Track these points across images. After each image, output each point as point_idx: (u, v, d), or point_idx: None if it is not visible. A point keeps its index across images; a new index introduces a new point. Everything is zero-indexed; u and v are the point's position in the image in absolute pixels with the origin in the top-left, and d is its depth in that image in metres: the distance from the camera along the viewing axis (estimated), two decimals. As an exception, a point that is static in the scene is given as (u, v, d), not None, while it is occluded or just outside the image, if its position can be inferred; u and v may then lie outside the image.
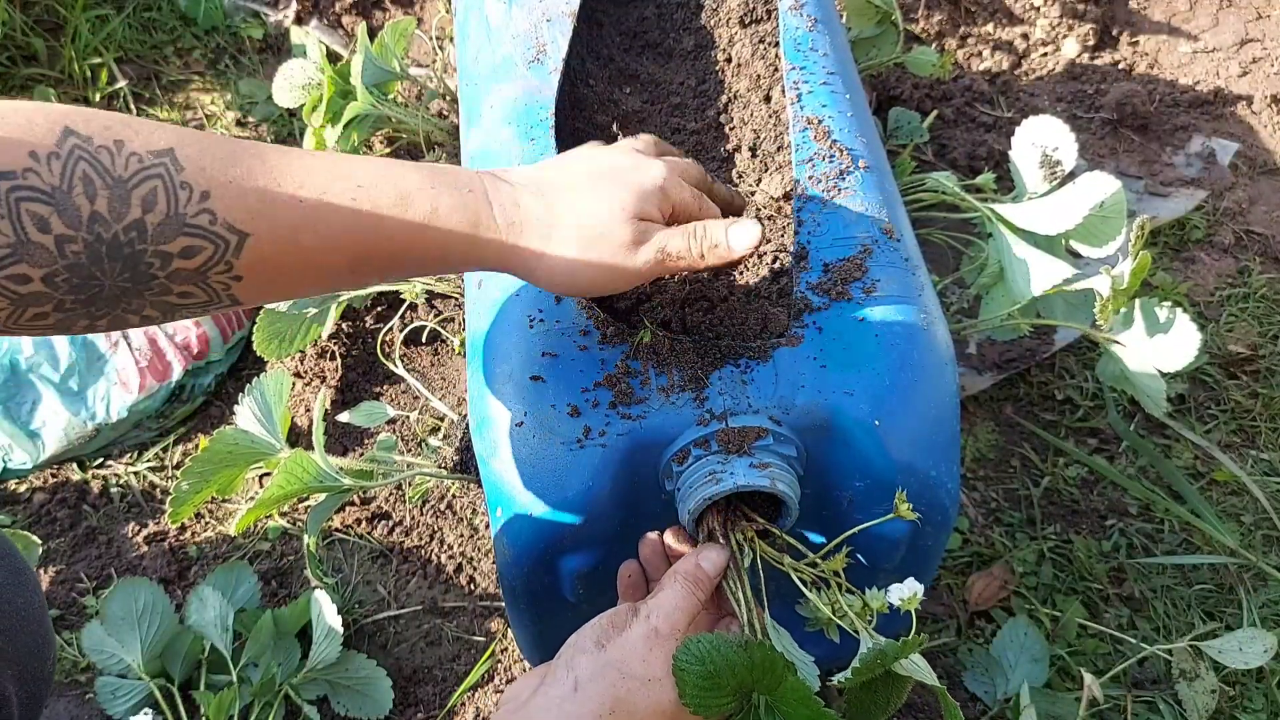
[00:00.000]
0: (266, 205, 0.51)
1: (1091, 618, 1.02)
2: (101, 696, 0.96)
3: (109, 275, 0.48)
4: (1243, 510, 1.11)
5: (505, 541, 0.70)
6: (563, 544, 0.69)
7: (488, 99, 0.88)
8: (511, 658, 1.01)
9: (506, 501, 0.69)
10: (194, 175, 0.49)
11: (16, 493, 1.13)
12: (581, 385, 0.67)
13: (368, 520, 1.11)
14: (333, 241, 0.54)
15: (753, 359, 0.68)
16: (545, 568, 0.71)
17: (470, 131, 0.90)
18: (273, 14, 1.62)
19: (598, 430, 0.66)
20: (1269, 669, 0.98)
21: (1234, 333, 1.23)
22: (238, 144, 0.52)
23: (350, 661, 0.97)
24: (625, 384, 0.67)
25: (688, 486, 0.64)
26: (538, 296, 0.71)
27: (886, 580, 0.61)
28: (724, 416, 0.66)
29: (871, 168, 0.80)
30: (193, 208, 0.49)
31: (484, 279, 0.76)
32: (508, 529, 0.69)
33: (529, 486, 0.67)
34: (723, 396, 0.67)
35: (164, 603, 0.98)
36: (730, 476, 0.63)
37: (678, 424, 0.66)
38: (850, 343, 0.68)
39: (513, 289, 0.73)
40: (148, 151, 0.48)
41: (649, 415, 0.66)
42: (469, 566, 1.08)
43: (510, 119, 0.84)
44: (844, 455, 0.68)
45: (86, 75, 1.51)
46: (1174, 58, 1.54)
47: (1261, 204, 1.38)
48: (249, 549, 1.09)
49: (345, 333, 1.24)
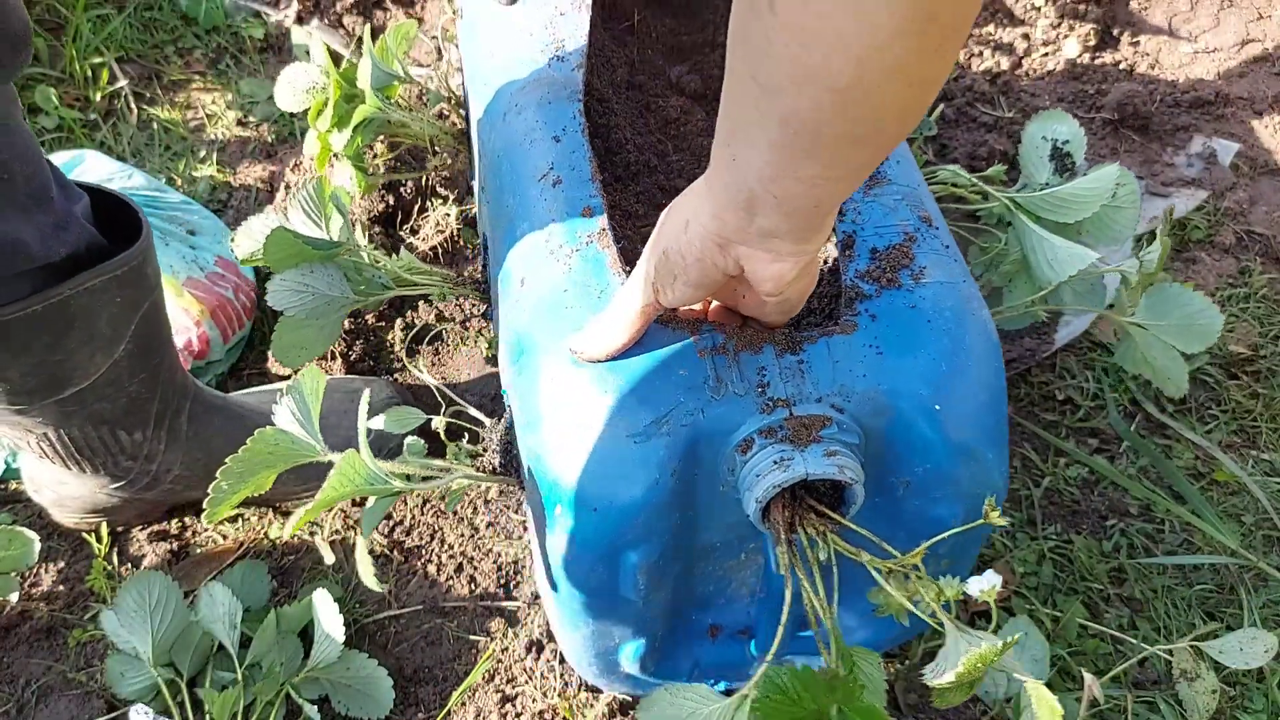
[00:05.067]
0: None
1: (1092, 618, 1.02)
2: (110, 676, 0.97)
3: None
4: (1243, 511, 1.11)
5: (567, 539, 0.69)
6: (628, 538, 0.68)
7: (509, 99, 0.88)
8: (512, 657, 1.01)
9: (568, 498, 0.68)
10: None
11: (18, 492, 1.13)
12: (643, 377, 0.67)
13: (368, 520, 1.11)
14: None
15: (809, 348, 0.69)
16: (608, 564, 0.70)
17: (492, 133, 0.89)
18: (274, 14, 1.62)
19: (662, 422, 0.65)
20: (1269, 669, 0.98)
21: (1235, 333, 1.23)
22: None
23: (351, 661, 0.97)
24: (687, 374, 0.67)
25: (753, 475, 0.64)
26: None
27: (932, 567, 0.61)
28: (788, 404, 0.66)
29: (901, 159, 0.81)
30: None
31: (526, 276, 0.76)
32: (570, 526, 0.69)
33: (593, 482, 0.67)
34: (784, 384, 0.67)
35: (177, 597, 0.98)
36: (800, 463, 0.63)
37: (740, 413, 0.66)
38: (904, 329, 0.69)
39: (561, 285, 0.73)
40: None
41: (711, 405, 0.66)
42: (469, 566, 1.08)
43: (539, 117, 0.84)
44: (903, 441, 0.68)
45: (88, 75, 1.51)
46: (1175, 58, 1.54)
47: (1262, 204, 1.38)
48: (250, 549, 1.09)
49: (346, 331, 1.24)
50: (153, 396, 0.97)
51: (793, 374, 0.67)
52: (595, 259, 0.73)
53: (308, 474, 1.07)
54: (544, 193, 0.78)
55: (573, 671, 0.98)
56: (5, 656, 1.02)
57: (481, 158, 0.90)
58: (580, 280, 0.72)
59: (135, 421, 0.97)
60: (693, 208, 0.58)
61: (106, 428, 0.95)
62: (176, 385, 1.00)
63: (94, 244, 0.87)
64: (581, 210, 0.75)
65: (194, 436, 1.03)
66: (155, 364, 0.96)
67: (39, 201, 0.82)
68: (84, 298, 0.85)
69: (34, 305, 0.81)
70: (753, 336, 0.68)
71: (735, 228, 0.56)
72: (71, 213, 0.85)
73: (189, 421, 1.02)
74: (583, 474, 0.67)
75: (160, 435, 1.00)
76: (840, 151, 0.49)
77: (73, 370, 0.88)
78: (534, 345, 0.72)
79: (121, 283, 0.87)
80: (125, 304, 0.89)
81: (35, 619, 1.04)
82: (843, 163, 0.50)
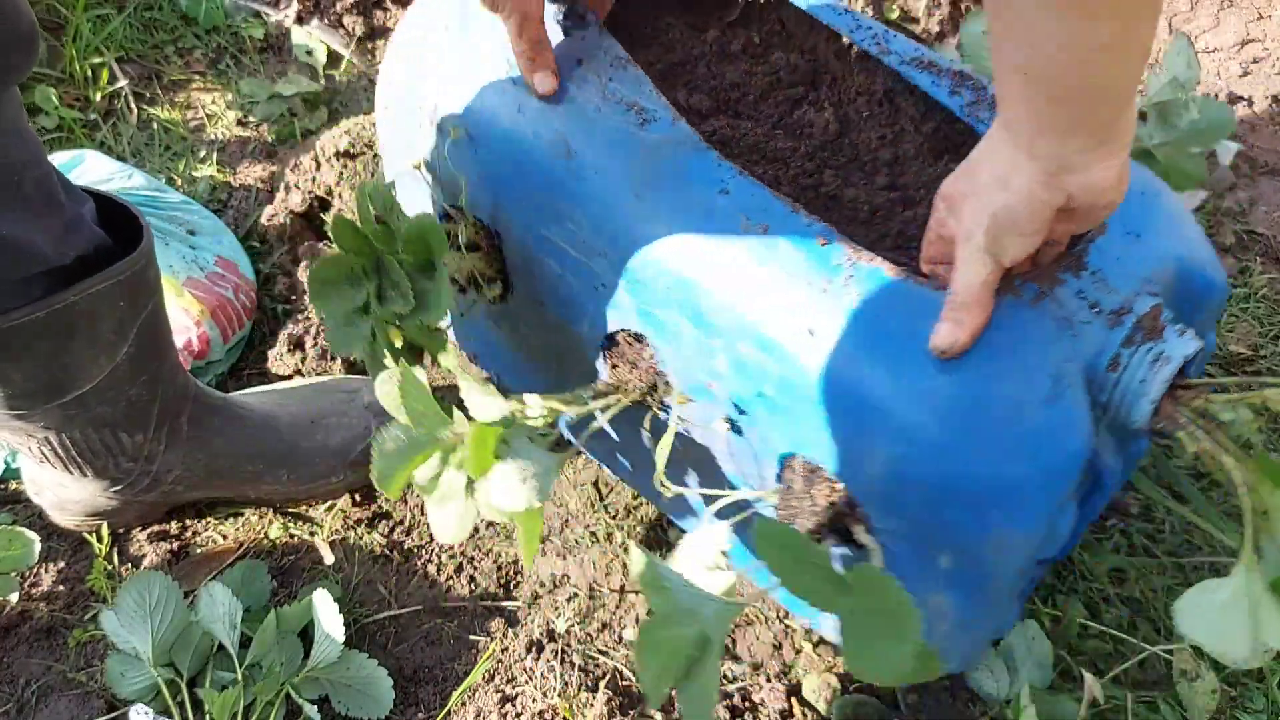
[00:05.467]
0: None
1: (1092, 618, 1.02)
2: (110, 676, 0.97)
3: None
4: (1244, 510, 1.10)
5: (1024, 524, 0.69)
6: (1067, 498, 0.70)
7: (631, 177, 0.80)
8: (512, 657, 1.01)
9: (1014, 486, 0.68)
10: None
11: (19, 492, 1.13)
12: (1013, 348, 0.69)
13: (369, 520, 1.11)
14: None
15: (1090, 260, 0.72)
16: (1049, 535, 0.72)
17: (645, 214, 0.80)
18: (274, 14, 1.62)
19: (1060, 377, 0.67)
20: (1269, 669, 0.98)
21: (1235, 333, 1.23)
22: None
23: (351, 661, 0.97)
24: (1040, 328, 0.69)
25: (1137, 383, 0.68)
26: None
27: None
28: (1126, 310, 0.69)
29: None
30: None
31: (813, 327, 0.72)
32: (1023, 514, 0.69)
33: (1034, 457, 0.67)
34: (1107, 295, 0.70)
35: (177, 597, 0.98)
36: (1174, 349, 0.67)
37: (1098, 338, 0.69)
38: (1134, 208, 0.73)
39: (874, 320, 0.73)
40: None
41: (1075, 343, 0.68)
42: (469, 566, 1.08)
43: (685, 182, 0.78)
44: (1185, 294, 0.75)
45: (87, 75, 1.51)
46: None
47: (1262, 204, 1.38)
48: (250, 549, 1.09)
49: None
50: (154, 398, 0.97)
51: (1101, 285, 0.71)
52: (871, 275, 0.71)
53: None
54: (754, 244, 0.74)
55: (572, 670, 0.98)
56: (5, 656, 1.02)
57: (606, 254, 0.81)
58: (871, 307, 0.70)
59: (136, 424, 0.97)
60: (1003, 162, 0.61)
61: (108, 430, 0.95)
62: (177, 387, 1.00)
63: (102, 245, 0.88)
64: (818, 239, 0.73)
65: (194, 437, 1.03)
66: (156, 367, 0.96)
67: (49, 204, 0.82)
68: (89, 302, 0.85)
69: (40, 310, 0.82)
70: (1045, 273, 0.71)
71: (1053, 154, 0.59)
72: (81, 215, 0.86)
73: (189, 423, 1.02)
74: (1021, 463, 0.67)
75: (161, 436, 1.00)
76: (1121, 5, 0.53)
77: (75, 373, 0.88)
78: (876, 380, 0.69)
79: (125, 285, 0.87)
80: (128, 307, 0.89)
81: (35, 619, 1.04)
82: (1125, 14, 0.53)
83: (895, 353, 0.69)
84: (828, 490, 0.76)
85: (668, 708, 0.96)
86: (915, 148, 0.88)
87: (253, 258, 1.32)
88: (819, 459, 0.74)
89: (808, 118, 0.91)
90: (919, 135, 0.88)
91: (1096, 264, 0.72)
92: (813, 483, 0.77)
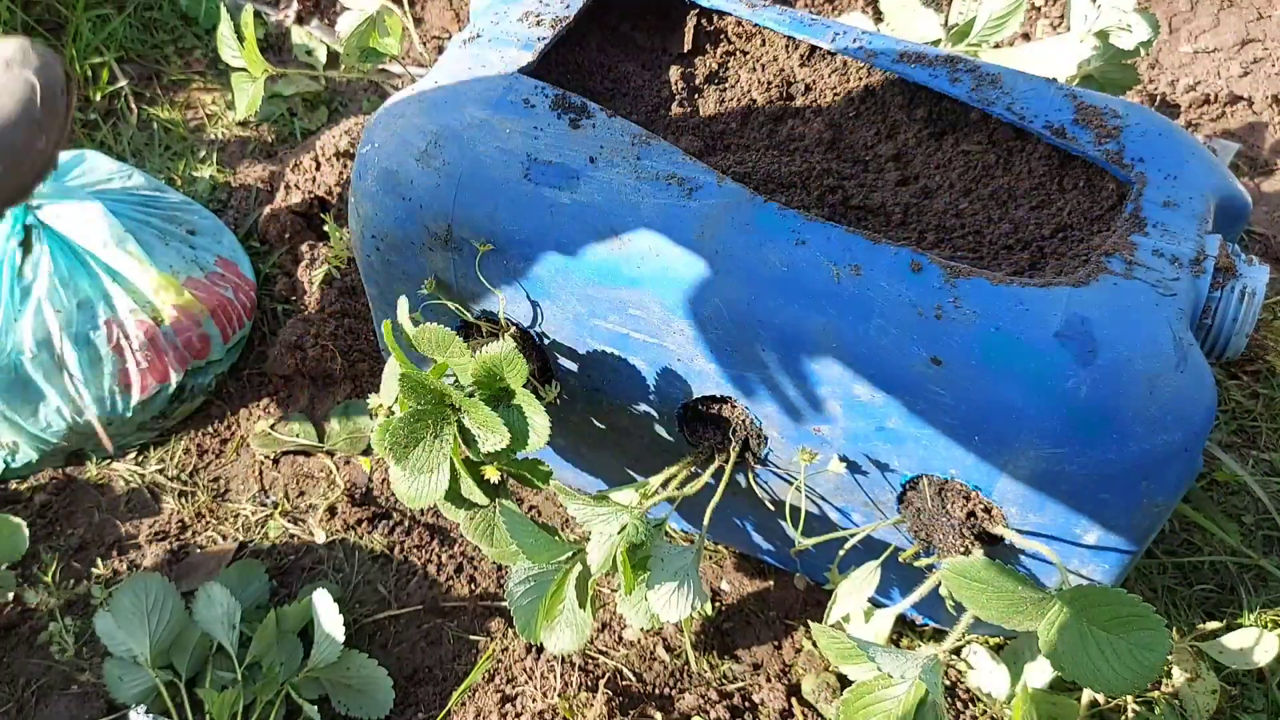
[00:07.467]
0: None
1: (1092, 618, 1.02)
2: (109, 681, 0.96)
3: None
4: (1244, 510, 1.11)
5: (1170, 492, 0.72)
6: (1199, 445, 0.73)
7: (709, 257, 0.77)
8: (512, 657, 1.01)
9: (1157, 461, 0.70)
10: None
11: (19, 492, 1.13)
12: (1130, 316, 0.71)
13: (369, 520, 1.11)
14: None
15: (1145, 215, 0.75)
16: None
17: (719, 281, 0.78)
18: (274, 14, 1.62)
19: (1180, 338, 0.69)
20: (1269, 669, 0.98)
21: (1235, 333, 1.23)
22: None
23: (351, 661, 0.97)
24: (1146, 293, 0.71)
25: (1230, 319, 0.73)
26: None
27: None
28: (1204, 255, 0.73)
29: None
30: None
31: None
32: (1168, 481, 0.71)
33: (1180, 423, 0.69)
34: (1184, 245, 0.73)
35: (174, 598, 0.98)
36: (1254, 281, 0.72)
37: (1192, 287, 0.72)
38: (1160, 151, 0.78)
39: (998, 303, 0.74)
40: None
41: (1179, 301, 0.71)
42: (469, 566, 1.08)
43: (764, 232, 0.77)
44: (1226, 217, 0.79)
45: (88, 75, 1.51)
46: (1175, 58, 1.54)
47: (1262, 204, 1.38)
48: (251, 548, 1.09)
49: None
50: None
51: (1169, 237, 0.74)
52: (975, 289, 0.73)
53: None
54: (849, 287, 0.73)
55: (572, 670, 0.98)
56: (5, 656, 1.02)
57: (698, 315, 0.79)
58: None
59: None
60: None
61: None
62: None
63: None
64: (911, 266, 0.74)
65: None
66: None
67: None
68: None
69: None
70: (1119, 241, 0.73)
71: None
72: None
73: None
74: (1168, 432, 0.69)
75: None
76: None
77: None
78: (1014, 391, 0.70)
79: None
80: None
81: (35, 619, 1.04)
82: None
83: (1025, 361, 0.69)
84: (962, 502, 0.77)
85: (667, 707, 0.96)
86: (914, 136, 0.88)
87: (253, 258, 1.32)
88: (954, 475, 0.75)
89: (797, 131, 0.90)
90: (914, 123, 0.88)
91: (1155, 217, 0.75)
92: (945, 498, 0.78)
